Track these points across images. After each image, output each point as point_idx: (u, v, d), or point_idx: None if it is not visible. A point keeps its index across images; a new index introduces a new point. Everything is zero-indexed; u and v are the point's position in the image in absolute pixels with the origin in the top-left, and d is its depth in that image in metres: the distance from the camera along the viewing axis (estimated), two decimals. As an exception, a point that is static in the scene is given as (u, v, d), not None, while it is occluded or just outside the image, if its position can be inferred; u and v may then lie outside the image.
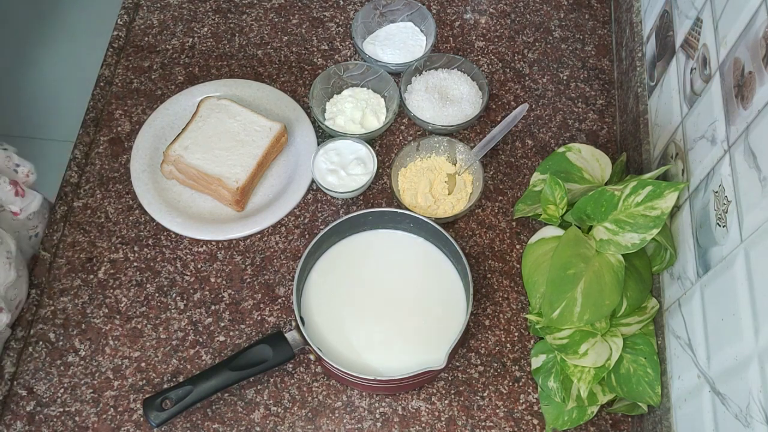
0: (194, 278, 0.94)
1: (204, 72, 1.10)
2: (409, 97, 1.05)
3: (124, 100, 1.07)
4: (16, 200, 0.88)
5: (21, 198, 0.88)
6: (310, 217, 0.99)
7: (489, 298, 0.93)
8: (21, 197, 0.88)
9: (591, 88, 1.10)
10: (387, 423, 0.85)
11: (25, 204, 0.89)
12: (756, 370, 0.59)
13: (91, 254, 0.95)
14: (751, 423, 0.59)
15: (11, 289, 0.86)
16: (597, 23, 1.16)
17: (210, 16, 1.16)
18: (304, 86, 1.09)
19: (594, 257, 0.78)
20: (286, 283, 0.94)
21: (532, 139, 1.05)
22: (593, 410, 0.83)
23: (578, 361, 0.78)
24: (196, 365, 0.88)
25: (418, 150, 1.00)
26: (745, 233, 0.64)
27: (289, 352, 0.84)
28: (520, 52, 1.13)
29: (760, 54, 0.64)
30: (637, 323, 0.81)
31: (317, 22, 1.15)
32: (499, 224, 0.99)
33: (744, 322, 0.62)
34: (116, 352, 0.89)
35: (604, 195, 0.79)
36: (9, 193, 0.86)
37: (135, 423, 0.85)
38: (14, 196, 0.87)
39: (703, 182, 0.75)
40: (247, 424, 0.85)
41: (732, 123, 0.69)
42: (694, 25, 0.82)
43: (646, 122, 0.94)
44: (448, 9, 1.17)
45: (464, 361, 0.89)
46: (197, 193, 1.00)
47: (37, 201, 0.91)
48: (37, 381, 0.87)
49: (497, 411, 0.86)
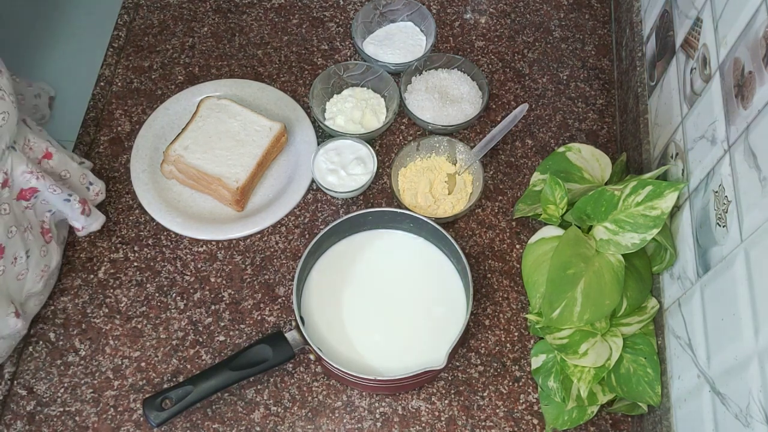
0: (194, 278, 0.94)
1: (204, 72, 1.10)
2: (409, 96, 1.05)
3: (124, 99, 1.07)
4: (81, 218, 0.88)
5: (86, 217, 0.88)
6: (310, 216, 0.99)
7: (489, 298, 0.93)
8: (86, 216, 0.88)
9: (591, 87, 1.10)
10: (387, 423, 0.86)
11: (88, 223, 0.89)
12: (756, 370, 0.59)
13: (92, 254, 0.95)
14: (751, 423, 0.59)
15: (33, 298, 0.86)
16: (597, 23, 1.16)
17: (210, 16, 1.16)
18: (304, 86, 1.09)
19: (594, 257, 0.78)
20: (286, 282, 0.94)
21: (532, 139, 1.05)
22: (593, 410, 0.83)
23: (578, 361, 0.78)
24: (196, 365, 0.88)
25: (418, 150, 1.00)
26: (745, 233, 0.64)
27: (289, 352, 0.84)
28: (520, 52, 1.13)
29: (760, 54, 0.64)
30: (637, 323, 0.81)
31: (317, 22, 1.15)
32: (499, 224, 0.99)
33: (744, 322, 0.62)
34: (116, 351, 0.89)
35: (604, 195, 0.79)
36: (77, 211, 0.86)
37: (135, 423, 0.85)
38: (80, 214, 0.87)
39: (703, 182, 0.75)
40: (247, 423, 0.85)
41: (732, 123, 0.69)
42: (694, 25, 0.82)
43: (646, 122, 0.94)
44: (448, 9, 1.17)
45: (464, 361, 0.89)
46: (197, 193, 1.00)
47: (100, 221, 0.92)
48: (37, 381, 0.87)
49: (497, 411, 0.86)
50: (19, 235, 0.79)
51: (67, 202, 0.84)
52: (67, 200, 0.84)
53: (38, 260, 0.83)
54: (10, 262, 0.78)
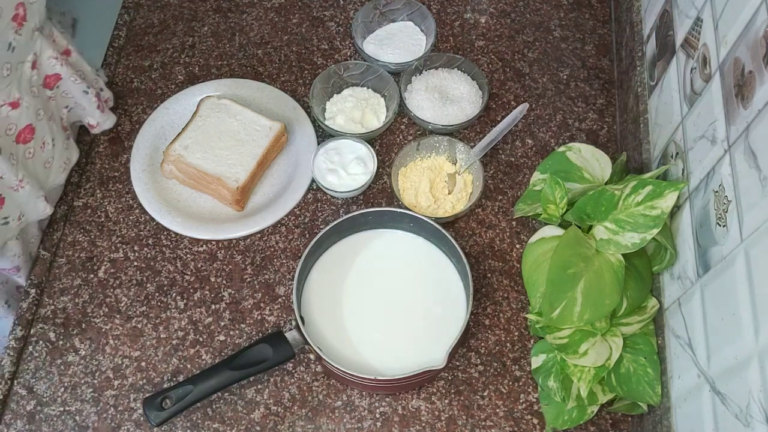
0: (194, 278, 0.94)
1: (204, 71, 1.10)
2: (409, 96, 1.05)
3: (124, 99, 1.07)
4: (96, 113, 0.91)
5: (101, 113, 0.91)
6: (310, 216, 0.99)
7: (489, 298, 0.93)
8: (101, 112, 0.91)
9: (591, 87, 1.10)
10: (387, 422, 0.86)
11: (102, 120, 0.92)
12: (756, 369, 0.59)
13: (92, 253, 0.95)
14: (751, 423, 0.59)
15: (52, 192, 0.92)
16: (597, 23, 1.16)
17: (210, 16, 1.16)
18: (304, 86, 1.09)
19: (594, 257, 0.78)
20: (286, 282, 0.94)
21: (532, 139, 1.05)
22: (593, 410, 0.83)
23: (578, 360, 0.78)
24: (196, 365, 0.88)
25: (418, 149, 1.00)
26: (745, 233, 0.64)
27: (289, 352, 0.84)
28: (520, 52, 1.13)
29: (761, 53, 0.64)
30: (637, 323, 0.81)
31: (317, 22, 1.15)
32: (499, 224, 0.99)
33: (744, 322, 0.62)
34: (116, 351, 0.89)
35: (604, 194, 0.79)
36: (93, 105, 0.90)
37: (135, 422, 0.85)
38: (96, 109, 0.90)
39: (703, 182, 0.75)
40: (247, 423, 0.85)
41: (732, 122, 0.69)
42: (694, 25, 0.82)
43: (646, 122, 0.94)
44: (448, 8, 1.17)
45: (464, 360, 0.89)
46: (197, 192, 1.00)
47: (112, 120, 0.95)
48: (37, 380, 0.87)
49: (497, 410, 0.86)
50: (46, 121, 0.83)
51: (85, 94, 0.88)
52: (86, 92, 0.88)
53: (61, 151, 0.89)
54: (39, 146, 0.83)
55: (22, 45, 0.76)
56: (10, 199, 0.81)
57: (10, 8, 0.72)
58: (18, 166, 0.80)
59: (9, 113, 0.77)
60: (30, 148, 0.81)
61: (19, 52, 0.76)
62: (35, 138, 0.81)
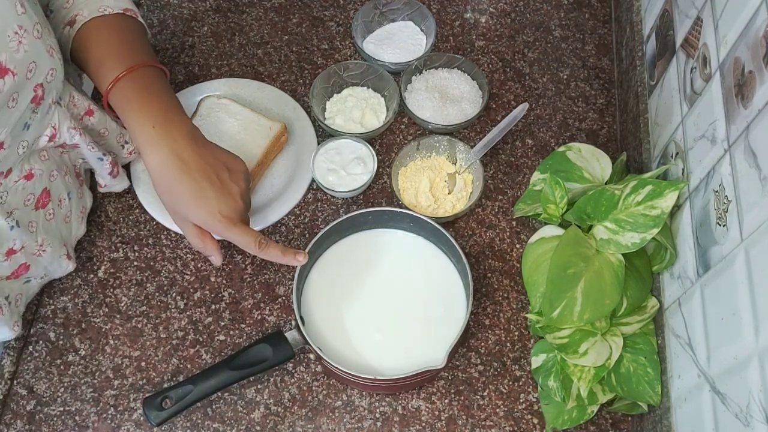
0: (194, 277, 0.94)
1: (204, 71, 1.10)
2: (409, 96, 1.05)
3: (124, 99, 1.07)
4: (108, 177, 0.91)
5: (112, 177, 0.91)
6: (310, 216, 0.99)
7: (489, 298, 0.93)
8: (113, 177, 0.91)
9: (591, 87, 1.10)
10: (387, 422, 0.85)
11: (112, 183, 0.93)
12: (756, 369, 0.59)
13: (91, 253, 0.95)
14: (751, 422, 0.59)
15: None
16: (597, 22, 1.16)
17: (210, 15, 1.16)
18: (304, 85, 1.09)
19: (594, 257, 0.78)
20: (286, 282, 0.94)
21: (533, 139, 1.05)
22: (593, 409, 0.83)
23: (578, 360, 0.78)
24: (196, 364, 0.88)
25: (418, 149, 1.00)
26: (745, 232, 0.64)
27: (289, 352, 0.84)
28: (520, 52, 1.13)
29: (761, 53, 0.64)
30: (637, 323, 0.81)
31: (317, 22, 1.15)
32: (499, 224, 0.99)
33: (744, 322, 0.62)
34: (116, 351, 0.89)
35: (604, 194, 0.79)
36: (105, 171, 0.90)
37: (135, 422, 0.85)
38: (107, 174, 0.90)
39: (703, 181, 0.75)
40: (247, 423, 0.85)
41: (732, 122, 0.69)
42: (694, 25, 0.82)
43: (646, 121, 0.94)
44: (448, 8, 1.17)
45: (464, 360, 0.89)
46: (197, 192, 0.99)
47: (123, 185, 0.95)
48: (37, 380, 0.87)
49: (497, 410, 0.86)
50: (60, 179, 0.83)
51: (100, 161, 0.88)
52: (101, 159, 0.87)
53: (77, 201, 0.89)
54: (57, 205, 0.83)
55: (38, 121, 0.74)
56: (34, 264, 0.83)
57: (29, 91, 0.70)
58: (38, 232, 0.81)
59: (25, 185, 0.77)
60: (49, 210, 0.82)
61: (35, 129, 0.74)
62: (52, 199, 0.82)
